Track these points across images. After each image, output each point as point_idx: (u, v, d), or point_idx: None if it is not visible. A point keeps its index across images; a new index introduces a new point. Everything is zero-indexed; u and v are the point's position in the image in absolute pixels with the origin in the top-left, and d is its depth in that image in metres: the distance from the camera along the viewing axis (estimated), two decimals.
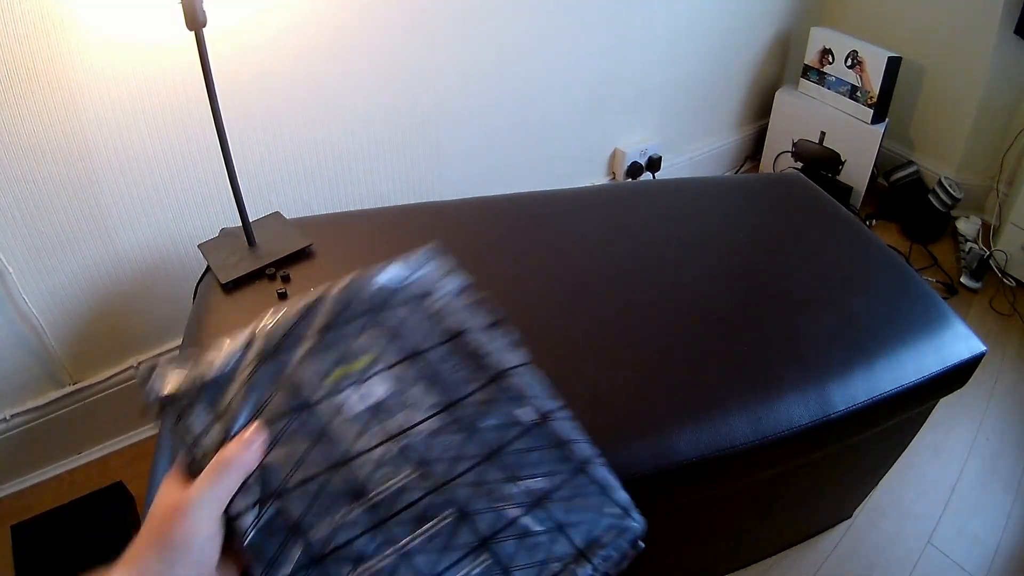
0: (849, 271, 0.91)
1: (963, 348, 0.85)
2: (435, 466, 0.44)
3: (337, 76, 1.17)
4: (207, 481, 0.40)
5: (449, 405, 0.47)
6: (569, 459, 0.46)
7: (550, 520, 0.44)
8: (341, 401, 0.46)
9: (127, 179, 1.05)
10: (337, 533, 0.41)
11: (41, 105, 0.91)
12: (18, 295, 1.02)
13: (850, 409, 0.76)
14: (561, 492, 0.45)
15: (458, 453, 0.45)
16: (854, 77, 1.76)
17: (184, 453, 0.43)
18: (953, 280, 1.71)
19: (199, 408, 0.44)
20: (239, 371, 0.46)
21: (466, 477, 0.44)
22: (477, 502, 0.43)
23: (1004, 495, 1.22)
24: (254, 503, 0.41)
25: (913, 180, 1.88)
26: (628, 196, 1.04)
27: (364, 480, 0.43)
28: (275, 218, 0.97)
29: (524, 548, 0.43)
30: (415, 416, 0.46)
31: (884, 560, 1.12)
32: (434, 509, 0.43)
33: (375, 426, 0.45)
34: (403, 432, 0.45)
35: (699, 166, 1.99)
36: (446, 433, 0.46)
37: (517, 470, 0.45)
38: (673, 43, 1.66)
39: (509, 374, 0.49)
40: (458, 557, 0.42)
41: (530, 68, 1.42)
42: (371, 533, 0.42)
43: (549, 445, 0.47)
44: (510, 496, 0.44)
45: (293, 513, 0.42)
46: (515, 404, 0.48)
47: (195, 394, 0.45)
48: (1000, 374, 1.46)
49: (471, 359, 0.50)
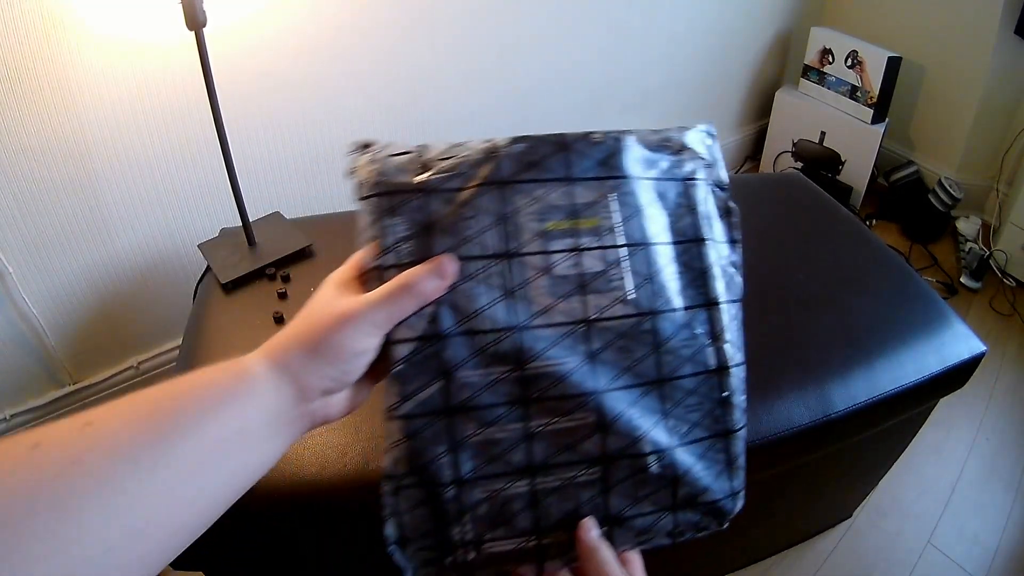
0: (849, 271, 0.91)
1: (963, 348, 0.85)
2: (603, 369, 0.43)
3: (337, 76, 1.17)
4: (381, 299, 0.39)
5: (649, 313, 0.44)
6: (720, 421, 0.45)
7: (670, 469, 0.43)
8: (549, 263, 0.43)
9: (127, 179, 1.05)
10: (481, 392, 0.41)
11: (41, 105, 0.91)
12: (18, 295, 1.02)
13: (850, 409, 0.76)
14: (692, 448, 0.44)
15: (630, 366, 0.43)
16: (854, 77, 1.76)
17: (367, 257, 0.42)
18: (953, 280, 1.71)
19: (401, 216, 0.42)
20: (461, 193, 0.43)
21: (625, 393, 0.43)
22: (619, 422, 0.42)
23: (1004, 495, 1.22)
24: (417, 337, 0.40)
25: (913, 180, 1.88)
26: None
27: (531, 354, 0.42)
28: (275, 218, 0.97)
29: (633, 481, 0.42)
30: (614, 309, 0.43)
31: (884, 560, 1.12)
32: (579, 409, 0.42)
33: (570, 301, 0.43)
34: (593, 321, 0.43)
35: None
36: (631, 340, 0.44)
37: (671, 409, 0.44)
38: (673, 43, 1.66)
39: (719, 306, 0.46)
40: (573, 460, 0.41)
41: (530, 68, 1.42)
42: (510, 405, 0.41)
43: (711, 397, 0.45)
44: (649, 431, 0.43)
45: (448, 359, 0.41)
46: (707, 339, 0.45)
47: (402, 198, 0.42)
48: (1000, 374, 1.46)
49: (693, 272, 0.46)
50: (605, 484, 0.42)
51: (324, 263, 0.89)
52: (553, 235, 0.43)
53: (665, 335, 0.44)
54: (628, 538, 0.43)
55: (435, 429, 0.41)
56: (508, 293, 0.42)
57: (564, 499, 0.42)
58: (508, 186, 0.43)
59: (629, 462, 0.42)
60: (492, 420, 0.41)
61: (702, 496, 0.44)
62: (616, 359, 0.43)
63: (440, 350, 0.41)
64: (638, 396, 0.43)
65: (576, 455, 0.42)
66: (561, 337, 0.42)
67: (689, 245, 0.47)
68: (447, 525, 0.41)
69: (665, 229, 0.46)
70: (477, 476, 0.41)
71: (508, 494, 0.41)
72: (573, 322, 0.43)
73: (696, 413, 0.44)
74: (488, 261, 0.42)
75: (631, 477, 0.42)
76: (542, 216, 0.43)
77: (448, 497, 0.41)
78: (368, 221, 0.43)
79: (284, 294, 0.82)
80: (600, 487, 0.42)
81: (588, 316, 0.43)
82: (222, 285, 0.85)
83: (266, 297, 0.83)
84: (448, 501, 0.41)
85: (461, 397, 0.41)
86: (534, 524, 0.42)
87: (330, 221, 0.98)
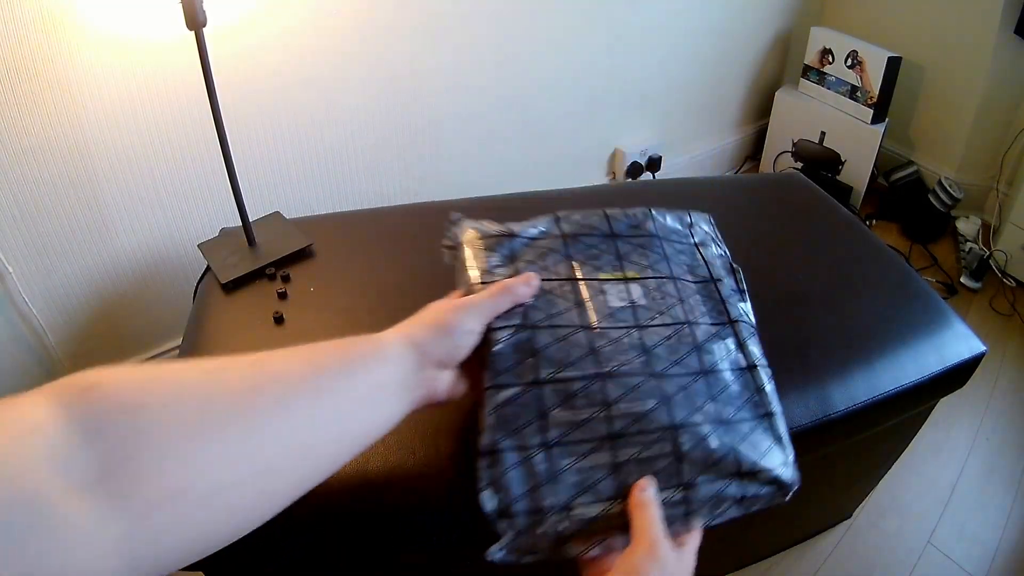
0: (849, 271, 0.91)
1: (963, 348, 0.85)
2: (657, 361, 0.54)
3: (338, 76, 1.17)
4: (487, 294, 0.52)
5: (687, 323, 0.58)
6: (760, 406, 0.56)
7: (726, 440, 0.52)
8: (605, 288, 0.59)
9: (127, 179, 1.05)
10: (564, 367, 0.52)
11: (41, 105, 0.91)
12: (18, 295, 1.02)
13: (850, 409, 0.76)
14: (743, 426, 0.54)
15: (679, 360, 0.55)
16: (854, 77, 1.76)
17: (469, 281, 0.56)
18: (953, 280, 1.71)
19: (497, 252, 0.59)
20: (537, 241, 0.61)
21: (678, 380, 0.54)
22: (678, 398, 0.52)
23: (1004, 495, 1.22)
24: (513, 325, 0.53)
25: (913, 180, 1.88)
26: (628, 196, 1.04)
27: (600, 346, 0.54)
28: (275, 218, 0.97)
29: (700, 450, 0.51)
30: (658, 319, 0.58)
31: (884, 560, 1.12)
32: (644, 385, 0.52)
33: (624, 315, 0.57)
34: (644, 326, 0.57)
35: (699, 166, 1.99)
36: (677, 341, 0.56)
37: (717, 393, 0.55)
38: (673, 43, 1.66)
39: (739, 324, 0.61)
40: (646, 429, 0.50)
41: (530, 68, 1.42)
42: (589, 380, 0.52)
43: (748, 388, 0.57)
44: (704, 409, 0.53)
45: (538, 343, 0.53)
46: (735, 346, 0.59)
47: (496, 240, 0.60)
48: (1000, 374, 1.46)
49: (714, 301, 0.62)
50: (676, 454, 0.50)
51: (324, 263, 0.89)
52: (604, 269, 0.60)
53: (702, 339, 0.57)
54: (704, 511, 0.50)
55: (525, 399, 0.50)
56: (577, 304, 0.57)
57: (642, 466, 0.49)
58: (570, 237, 0.62)
59: (692, 433, 0.51)
60: (574, 392, 0.51)
61: (760, 466, 0.52)
62: (667, 354, 0.55)
63: (531, 336, 0.53)
64: (690, 381, 0.54)
65: (649, 424, 0.50)
66: (623, 335, 0.55)
67: (707, 283, 0.63)
68: (539, 488, 0.48)
69: (686, 272, 0.63)
70: (563, 442, 0.49)
71: (592, 462, 0.49)
72: (628, 327, 0.56)
73: (739, 400, 0.55)
74: (561, 282, 0.58)
75: (697, 447, 0.50)
76: (596, 258, 0.61)
77: (538, 460, 0.48)
78: (472, 256, 0.59)
79: (284, 294, 0.82)
80: (672, 457, 0.50)
81: (640, 323, 0.57)
82: (222, 285, 0.85)
83: (266, 297, 0.83)
84: (538, 464, 0.48)
85: (547, 372, 0.52)
86: (617, 489, 0.48)
87: (330, 221, 0.98)
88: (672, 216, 0.68)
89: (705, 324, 0.59)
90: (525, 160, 1.55)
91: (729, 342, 0.59)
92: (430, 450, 0.65)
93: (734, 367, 0.57)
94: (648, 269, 0.61)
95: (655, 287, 0.60)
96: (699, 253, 0.66)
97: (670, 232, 0.66)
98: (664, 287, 0.60)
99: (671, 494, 0.49)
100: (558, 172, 1.64)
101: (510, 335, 0.53)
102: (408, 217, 0.99)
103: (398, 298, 0.83)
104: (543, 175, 1.60)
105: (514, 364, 0.52)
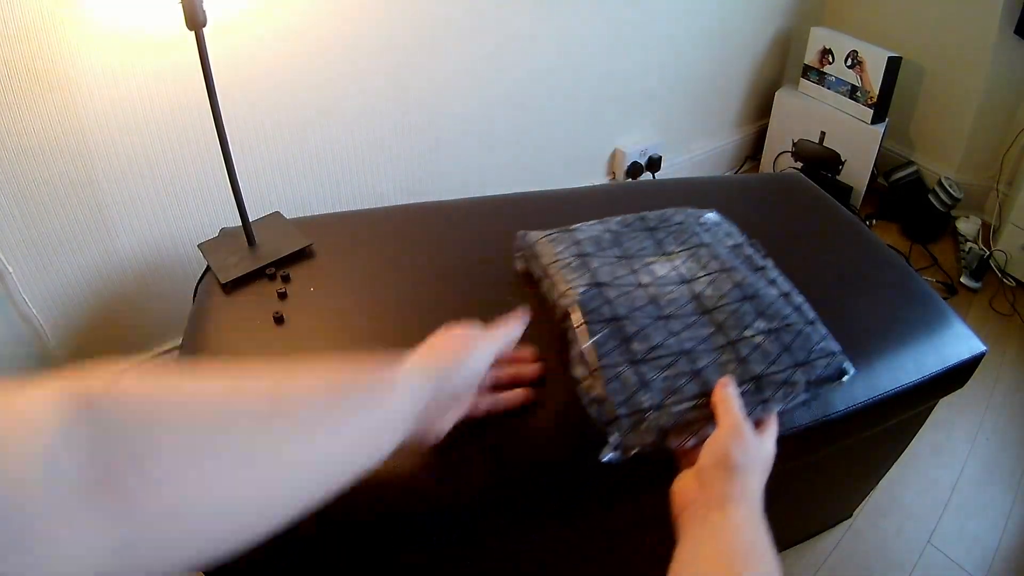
0: (849, 271, 0.91)
1: (963, 348, 0.85)
2: (707, 300, 0.71)
3: (337, 76, 1.17)
4: (491, 335, 0.58)
5: (725, 270, 0.74)
6: (802, 313, 0.71)
7: (783, 340, 0.66)
8: (653, 267, 0.75)
9: (127, 179, 1.05)
10: (632, 311, 0.67)
11: (41, 105, 0.91)
12: (18, 295, 1.02)
13: (850, 409, 0.76)
14: (794, 328, 0.68)
15: (724, 294, 0.71)
16: (854, 77, 1.76)
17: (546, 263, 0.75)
18: (953, 280, 1.71)
19: (561, 243, 0.77)
20: (592, 235, 0.79)
21: (728, 307, 0.69)
22: (730, 324, 0.68)
23: (1004, 495, 1.22)
24: (585, 284, 0.70)
25: (913, 180, 1.88)
26: (628, 196, 1.04)
27: (657, 295, 0.71)
28: (275, 218, 0.97)
29: (759, 351, 0.65)
30: (701, 273, 0.74)
31: (884, 560, 1.12)
32: (702, 322, 0.68)
33: (672, 276, 0.74)
34: (690, 280, 0.74)
35: (699, 166, 1.99)
36: (720, 283, 0.73)
37: (764, 309, 0.70)
38: (673, 43, 1.66)
39: (766, 270, 0.77)
40: (710, 346, 0.65)
41: (530, 68, 1.42)
42: (654, 319, 0.67)
43: (790, 305, 0.72)
44: (754, 325, 0.68)
45: (608, 295, 0.69)
46: (767, 282, 0.75)
47: (559, 236, 0.79)
48: (1000, 374, 1.46)
49: (743, 257, 0.79)
50: (739, 358, 0.64)
51: (324, 263, 0.89)
52: (649, 254, 0.78)
53: (740, 277, 0.74)
54: (777, 397, 0.62)
55: (609, 332, 0.65)
56: (632, 272, 0.74)
57: (717, 370, 0.62)
58: (620, 233, 0.81)
59: (749, 342, 0.66)
60: (644, 325, 0.66)
61: (816, 354, 0.66)
62: (713, 292, 0.72)
63: (601, 291, 0.69)
64: (738, 306, 0.70)
65: (712, 342, 0.66)
66: (673, 290, 0.72)
67: (735, 247, 0.81)
68: (635, 394, 0.60)
69: (715, 241, 0.80)
70: (646, 360, 0.63)
71: (673, 371, 0.62)
72: (676, 283, 0.73)
73: (784, 311, 0.70)
74: (619, 260, 0.76)
75: (756, 349, 0.65)
76: (640, 246, 0.79)
77: (629, 373, 0.61)
78: (544, 249, 0.78)
79: (284, 294, 0.82)
80: (737, 360, 0.64)
81: (685, 278, 0.74)
82: (222, 285, 0.85)
83: (266, 297, 0.83)
84: (630, 376, 0.61)
85: (622, 312, 0.67)
86: (700, 390, 0.61)
87: (330, 221, 0.98)
88: (691, 209, 0.87)
89: (741, 269, 0.75)
90: (525, 160, 1.55)
91: (762, 280, 0.75)
92: (430, 450, 0.65)
93: (774, 294, 0.73)
94: (683, 245, 0.79)
95: (693, 254, 0.77)
96: (722, 229, 0.84)
97: (695, 218, 0.85)
98: (699, 252, 0.78)
99: (746, 388, 0.61)
100: (558, 172, 1.64)
101: (586, 289, 0.69)
102: (408, 217, 0.99)
103: (398, 298, 0.83)
104: (543, 175, 1.60)
105: (595, 308, 0.67)
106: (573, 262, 0.74)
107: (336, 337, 0.78)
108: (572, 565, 0.84)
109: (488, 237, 0.95)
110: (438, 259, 0.90)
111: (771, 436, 0.58)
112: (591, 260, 0.74)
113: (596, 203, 1.04)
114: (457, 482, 0.64)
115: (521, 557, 0.78)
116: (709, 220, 0.85)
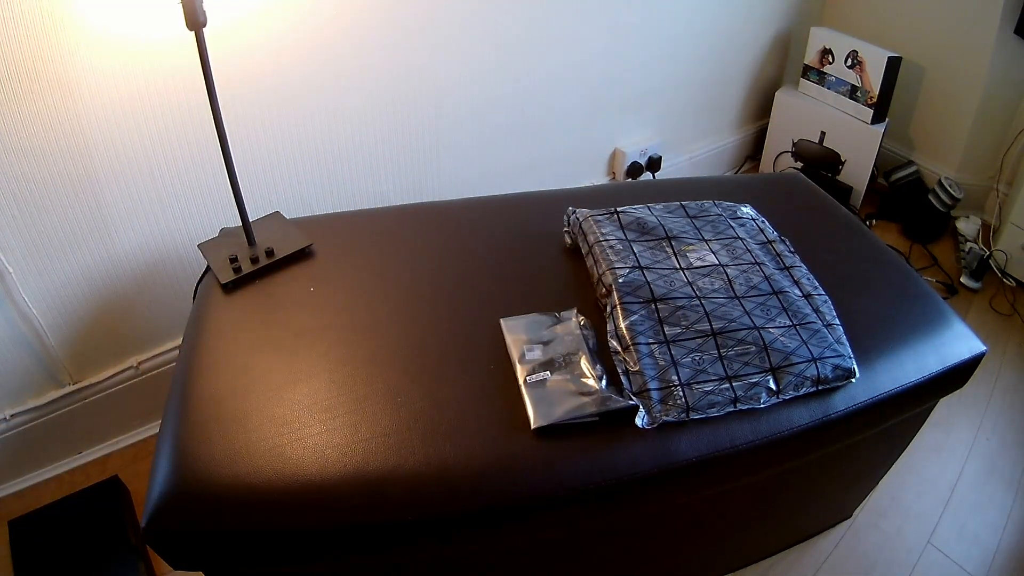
0: (849, 271, 0.91)
1: (963, 348, 0.85)
2: (738, 287, 0.80)
3: (338, 75, 1.17)
4: None
5: (756, 264, 0.84)
6: (821, 314, 0.79)
7: (801, 336, 0.75)
8: (689, 253, 0.84)
9: (127, 179, 1.05)
10: (669, 293, 0.77)
11: (41, 105, 0.91)
12: (18, 295, 1.02)
13: (850, 409, 0.76)
14: (810, 326, 0.76)
15: (754, 286, 0.80)
16: (854, 77, 1.76)
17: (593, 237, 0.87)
18: (953, 280, 1.71)
19: (608, 224, 0.88)
20: (636, 218, 0.90)
21: (756, 299, 0.79)
22: (757, 313, 0.77)
23: (1004, 495, 1.22)
24: (629, 266, 0.80)
25: (913, 180, 1.88)
26: (628, 196, 1.04)
27: (693, 280, 0.80)
28: (275, 218, 0.97)
29: (779, 342, 0.74)
30: (733, 263, 0.84)
31: (884, 560, 1.12)
32: (732, 308, 0.77)
33: (707, 262, 0.83)
34: (724, 266, 0.83)
35: (699, 166, 1.99)
36: (751, 275, 0.82)
37: (788, 306, 0.78)
38: (673, 43, 1.66)
39: (793, 270, 0.86)
40: (736, 331, 0.74)
41: (530, 68, 1.42)
42: (688, 300, 0.76)
43: (810, 307, 0.80)
44: (777, 319, 0.76)
45: (648, 277, 0.79)
46: (792, 282, 0.84)
47: (606, 216, 0.90)
48: (1000, 374, 1.46)
49: (773, 255, 0.88)
50: (760, 345, 0.73)
51: (324, 263, 0.89)
52: (687, 240, 0.87)
53: (769, 273, 0.83)
54: (789, 388, 0.72)
55: (646, 312, 0.74)
56: (671, 256, 0.84)
57: (740, 356, 0.72)
58: (663, 216, 0.90)
59: (771, 333, 0.74)
60: (679, 307, 0.75)
61: (829, 354, 0.74)
62: (744, 281, 0.81)
63: (642, 274, 0.79)
64: (765, 299, 0.79)
65: (738, 329, 0.74)
66: (708, 275, 0.81)
67: (766, 244, 0.90)
68: (665, 370, 0.70)
69: (749, 237, 0.90)
70: (677, 341, 0.72)
71: (701, 353, 0.71)
72: (711, 266, 0.83)
73: (805, 310, 0.78)
74: (658, 242, 0.86)
75: (777, 341, 0.73)
76: (681, 231, 0.88)
77: (662, 352, 0.71)
78: (591, 228, 0.88)
79: (284, 294, 0.82)
80: (758, 349, 0.73)
81: (720, 264, 0.83)
82: (222, 285, 0.85)
83: (266, 297, 0.83)
84: (662, 355, 0.71)
85: (659, 293, 0.76)
86: (724, 371, 0.70)
87: (330, 221, 0.99)
88: (727, 203, 0.96)
89: (770, 266, 0.84)
90: (525, 160, 1.55)
91: (789, 278, 0.84)
92: (430, 450, 0.65)
93: (797, 294, 0.81)
94: (720, 236, 0.88)
95: (728, 244, 0.86)
96: (756, 225, 0.92)
97: (731, 212, 0.93)
98: (734, 244, 0.86)
99: (763, 377, 0.71)
100: (558, 172, 1.64)
101: (628, 272, 0.78)
102: (408, 217, 0.99)
103: (398, 298, 0.83)
104: (543, 175, 1.60)
105: (634, 290, 0.76)
106: (617, 244, 0.84)
107: (336, 337, 0.78)
108: (572, 565, 0.84)
109: (488, 237, 0.95)
110: (438, 259, 0.90)
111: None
112: (634, 244, 0.85)
113: (596, 203, 1.04)
114: (457, 482, 0.64)
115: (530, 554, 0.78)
116: (744, 214, 0.93)
